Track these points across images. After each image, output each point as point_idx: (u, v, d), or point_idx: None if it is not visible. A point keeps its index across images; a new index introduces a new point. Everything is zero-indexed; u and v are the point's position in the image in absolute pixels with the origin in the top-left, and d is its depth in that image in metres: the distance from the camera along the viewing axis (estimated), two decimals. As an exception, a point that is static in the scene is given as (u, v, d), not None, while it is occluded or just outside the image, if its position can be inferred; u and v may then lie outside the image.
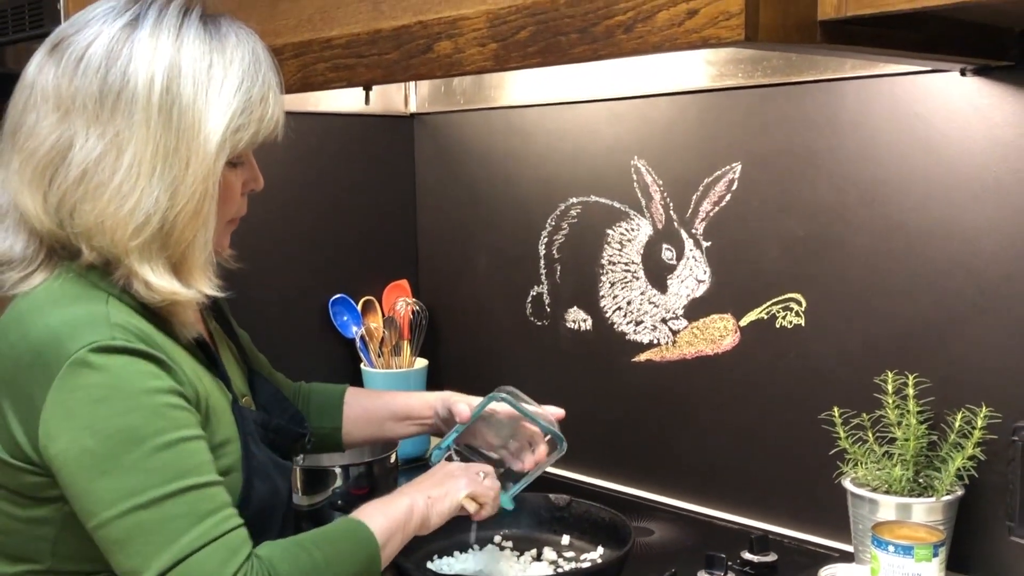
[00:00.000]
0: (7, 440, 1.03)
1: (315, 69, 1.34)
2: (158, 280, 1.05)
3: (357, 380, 2.02)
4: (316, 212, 2.00)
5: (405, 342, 2.03)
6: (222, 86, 1.07)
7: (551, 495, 1.53)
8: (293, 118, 1.92)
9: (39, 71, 1.08)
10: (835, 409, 1.42)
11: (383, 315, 2.05)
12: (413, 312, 2.04)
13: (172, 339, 1.09)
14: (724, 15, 0.92)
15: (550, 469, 1.38)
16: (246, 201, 1.19)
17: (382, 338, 2.02)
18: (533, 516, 1.52)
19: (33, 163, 1.06)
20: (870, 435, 1.40)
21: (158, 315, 1.08)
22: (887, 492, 1.35)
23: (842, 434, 1.41)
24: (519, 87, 1.89)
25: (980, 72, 1.34)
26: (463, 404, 1.34)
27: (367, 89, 1.65)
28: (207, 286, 1.09)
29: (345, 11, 1.29)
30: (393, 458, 1.63)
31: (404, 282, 2.10)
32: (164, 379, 1.02)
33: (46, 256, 1.09)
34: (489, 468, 1.28)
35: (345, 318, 2.04)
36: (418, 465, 1.88)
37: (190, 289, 1.08)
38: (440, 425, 1.40)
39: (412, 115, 2.11)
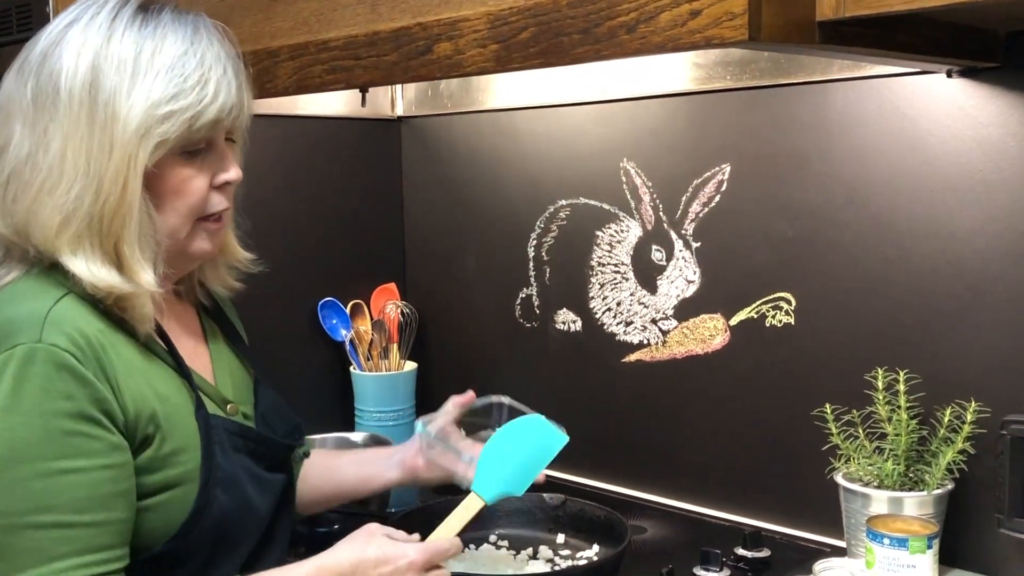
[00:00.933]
0: None
1: (312, 71, 1.34)
2: (92, 275, 1.03)
3: (347, 383, 2.02)
4: (303, 216, 2.00)
5: (394, 345, 2.03)
6: (147, 73, 1.04)
7: (545, 495, 1.54)
8: (279, 122, 1.97)
9: (2, 82, 1.10)
10: (827, 406, 1.44)
11: (372, 318, 2.05)
12: (402, 315, 2.04)
13: (131, 338, 1.07)
14: (727, 15, 0.93)
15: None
16: (224, 196, 1.13)
17: (371, 341, 2.02)
18: (528, 515, 1.53)
19: None
20: (861, 431, 1.42)
21: (116, 312, 1.06)
22: (879, 487, 1.38)
23: (834, 430, 1.43)
24: (506, 90, 1.90)
25: (966, 73, 1.36)
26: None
27: (363, 91, 1.66)
28: (148, 280, 1.06)
29: (342, 13, 1.29)
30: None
31: (392, 285, 2.11)
32: (76, 401, 0.99)
33: (20, 256, 1.09)
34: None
35: (334, 321, 2.04)
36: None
37: (130, 283, 1.05)
38: (427, 450, 1.36)
39: (399, 118, 2.12)
